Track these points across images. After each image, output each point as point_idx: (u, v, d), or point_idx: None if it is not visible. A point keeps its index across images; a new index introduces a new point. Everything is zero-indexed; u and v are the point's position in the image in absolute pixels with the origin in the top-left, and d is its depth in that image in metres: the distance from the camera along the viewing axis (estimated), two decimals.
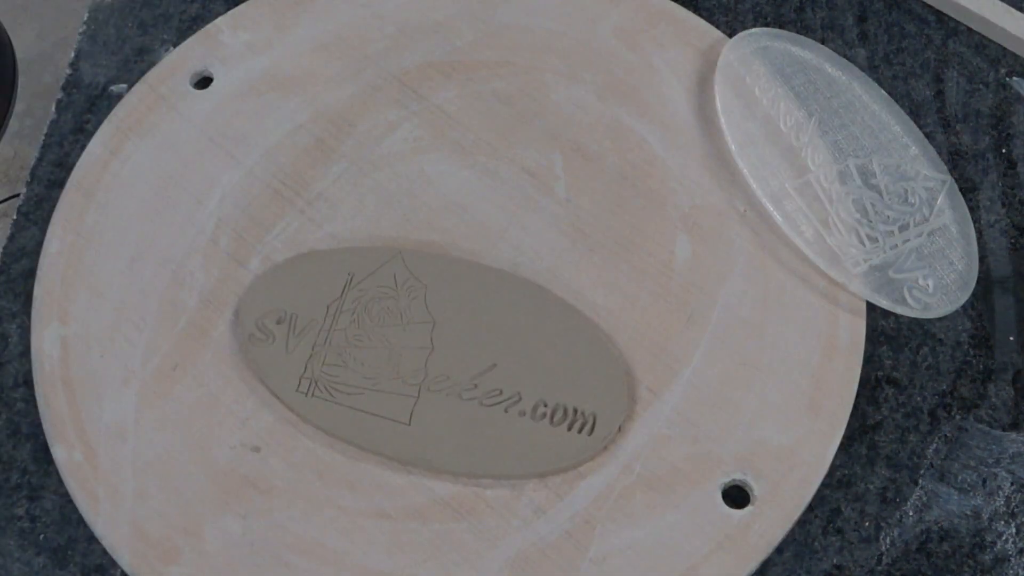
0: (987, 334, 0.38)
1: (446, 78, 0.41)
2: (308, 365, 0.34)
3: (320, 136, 0.39)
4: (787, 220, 0.37)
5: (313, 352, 0.34)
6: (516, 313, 0.35)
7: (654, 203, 0.38)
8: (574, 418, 0.33)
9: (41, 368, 0.35)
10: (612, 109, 0.40)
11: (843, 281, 0.36)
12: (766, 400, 0.35)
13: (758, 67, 0.41)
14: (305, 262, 0.36)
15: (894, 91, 0.42)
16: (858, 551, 0.34)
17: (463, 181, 0.38)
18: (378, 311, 0.35)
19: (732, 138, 0.39)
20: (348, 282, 0.35)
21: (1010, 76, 0.43)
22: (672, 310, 0.36)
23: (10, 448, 0.35)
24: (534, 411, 0.33)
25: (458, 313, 0.35)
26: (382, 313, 0.35)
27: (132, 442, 0.33)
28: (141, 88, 0.41)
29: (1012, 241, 0.40)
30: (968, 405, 0.36)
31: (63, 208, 0.38)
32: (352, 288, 0.35)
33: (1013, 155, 0.42)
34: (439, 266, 0.36)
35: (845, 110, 0.41)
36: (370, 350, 0.34)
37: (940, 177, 0.40)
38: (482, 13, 0.42)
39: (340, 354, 0.34)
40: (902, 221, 0.38)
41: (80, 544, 0.34)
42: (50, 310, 0.36)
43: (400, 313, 0.35)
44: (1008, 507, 0.35)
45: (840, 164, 0.39)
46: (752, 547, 0.32)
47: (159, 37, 0.43)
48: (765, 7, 0.45)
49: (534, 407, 0.33)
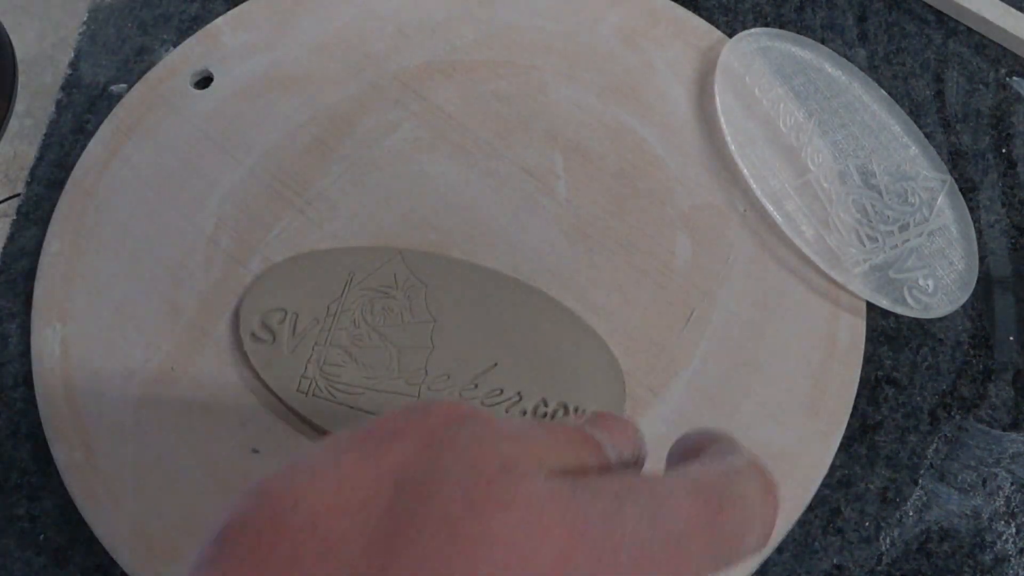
0: (987, 334, 0.38)
1: (446, 78, 0.41)
2: (308, 365, 0.34)
3: (320, 136, 0.39)
4: (787, 220, 0.37)
5: (314, 352, 0.34)
6: (516, 313, 0.35)
7: (654, 203, 0.38)
8: (575, 417, 0.33)
9: (41, 368, 0.35)
10: (612, 109, 0.40)
11: (843, 281, 0.36)
12: (766, 400, 0.35)
13: (758, 67, 0.41)
14: (305, 262, 0.36)
15: (894, 91, 0.42)
16: (858, 551, 0.34)
17: (463, 181, 0.38)
18: (379, 310, 0.35)
19: (732, 138, 0.39)
20: (348, 281, 0.35)
21: (1010, 76, 0.43)
22: (672, 310, 0.36)
23: (10, 448, 0.35)
24: (535, 411, 0.33)
25: (458, 313, 0.35)
26: (383, 312, 0.35)
27: (132, 442, 0.33)
28: (141, 88, 0.41)
29: (1012, 241, 0.40)
30: (968, 405, 0.36)
31: (63, 208, 0.38)
32: (353, 287, 0.35)
33: (1013, 155, 0.42)
34: (439, 266, 0.36)
35: (845, 110, 0.41)
36: (371, 349, 0.34)
37: (940, 177, 0.40)
38: (482, 13, 0.42)
39: (341, 354, 0.34)
40: (902, 221, 0.38)
41: (80, 544, 0.34)
42: (50, 310, 0.36)
43: (400, 313, 0.35)
44: (1008, 507, 0.35)
45: (840, 164, 0.39)
46: None
47: (159, 37, 0.43)
48: (765, 7, 0.45)
49: (535, 407, 0.33)
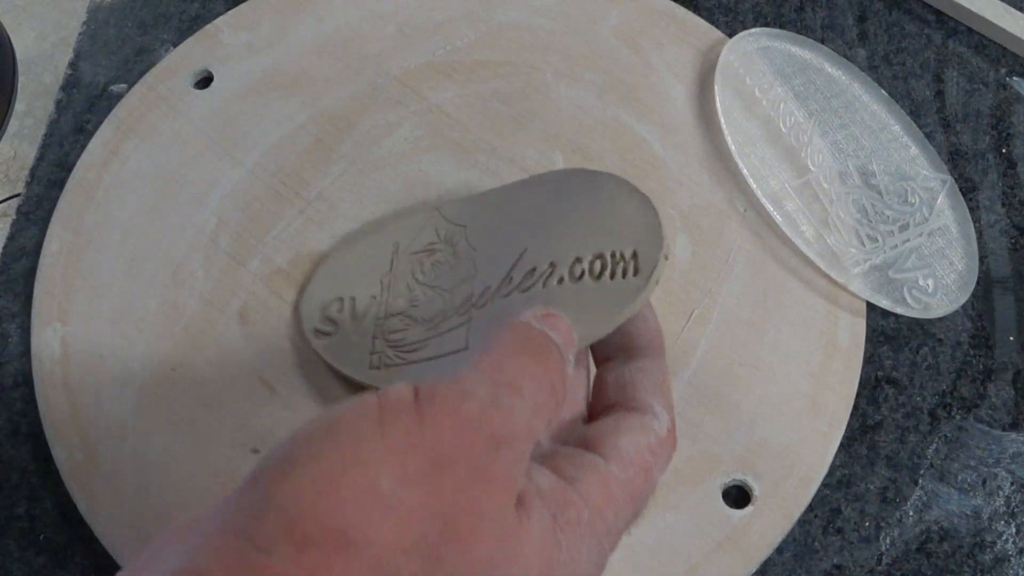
0: (987, 334, 0.38)
1: (446, 78, 0.41)
2: (376, 341, 0.33)
3: (320, 136, 0.39)
4: (787, 220, 0.37)
5: (376, 327, 0.34)
6: (535, 196, 0.33)
7: (654, 203, 0.38)
8: (615, 262, 0.29)
9: (41, 368, 0.35)
10: (612, 109, 0.40)
11: (843, 281, 0.36)
12: (766, 400, 0.35)
13: (758, 67, 0.41)
14: (350, 246, 0.36)
15: (894, 91, 0.42)
16: (858, 551, 0.34)
17: (463, 181, 0.38)
18: (428, 268, 0.34)
19: (732, 138, 0.39)
20: (396, 251, 0.35)
21: (1010, 76, 0.43)
22: (672, 310, 0.36)
23: (10, 448, 0.35)
24: (571, 272, 0.29)
25: (490, 229, 0.34)
26: (432, 268, 0.34)
27: (132, 442, 0.33)
28: (141, 88, 0.41)
29: (1012, 241, 0.40)
30: (968, 405, 0.36)
31: (63, 208, 0.38)
32: (400, 256, 0.35)
33: (1013, 155, 0.42)
34: (475, 205, 0.35)
35: (845, 110, 0.41)
36: (427, 304, 0.33)
37: (940, 177, 0.40)
38: (482, 13, 0.42)
39: (401, 319, 0.33)
40: (902, 221, 0.38)
41: (80, 544, 0.34)
42: (50, 310, 0.36)
43: (448, 261, 0.34)
44: (1008, 507, 0.35)
45: (840, 164, 0.39)
46: (752, 547, 0.32)
47: (159, 37, 0.43)
48: (765, 7, 0.45)
49: (571, 269, 0.30)
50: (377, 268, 0.35)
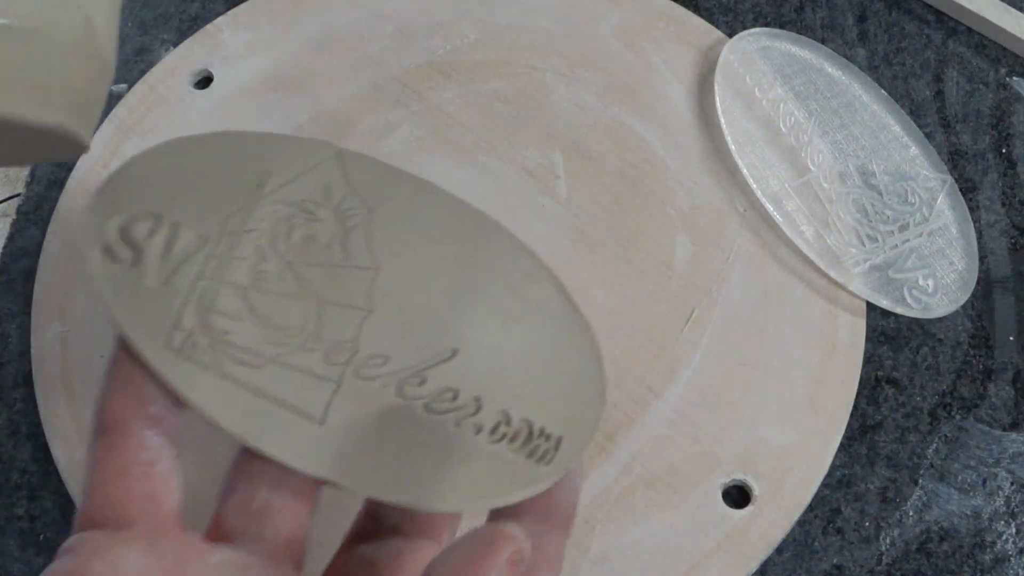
0: (987, 334, 0.38)
1: (446, 78, 0.41)
2: (186, 309, 0.22)
3: (320, 136, 0.39)
4: (787, 220, 0.37)
5: (196, 289, 0.22)
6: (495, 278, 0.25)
7: (654, 203, 0.38)
8: (537, 440, 0.24)
9: (41, 368, 0.35)
10: (612, 109, 0.40)
11: (843, 281, 0.36)
12: (766, 400, 0.35)
13: (758, 67, 0.41)
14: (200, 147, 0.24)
15: (894, 91, 0.42)
16: (858, 551, 0.34)
17: (463, 181, 0.38)
18: (298, 239, 0.23)
19: (732, 138, 0.39)
20: (259, 185, 0.24)
21: (1010, 76, 0.43)
22: (672, 310, 0.36)
23: (10, 448, 0.35)
24: (494, 430, 0.23)
25: (413, 262, 0.24)
26: (303, 243, 0.23)
27: None
28: (141, 88, 0.41)
29: (1012, 241, 0.40)
30: (968, 405, 0.36)
31: (63, 208, 0.38)
32: (264, 197, 0.24)
33: (1013, 155, 0.42)
34: (392, 184, 0.25)
35: (845, 110, 0.41)
36: (280, 298, 0.23)
37: (940, 177, 0.40)
38: (482, 13, 0.42)
39: (235, 298, 0.22)
40: (902, 221, 0.38)
41: None
42: (50, 310, 0.36)
43: (329, 247, 0.24)
44: (1008, 507, 0.35)
45: (840, 164, 0.39)
46: (752, 547, 0.32)
47: (159, 37, 0.43)
48: (765, 7, 0.45)
49: (495, 424, 0.23)
50: (225, 198, 0.23)
